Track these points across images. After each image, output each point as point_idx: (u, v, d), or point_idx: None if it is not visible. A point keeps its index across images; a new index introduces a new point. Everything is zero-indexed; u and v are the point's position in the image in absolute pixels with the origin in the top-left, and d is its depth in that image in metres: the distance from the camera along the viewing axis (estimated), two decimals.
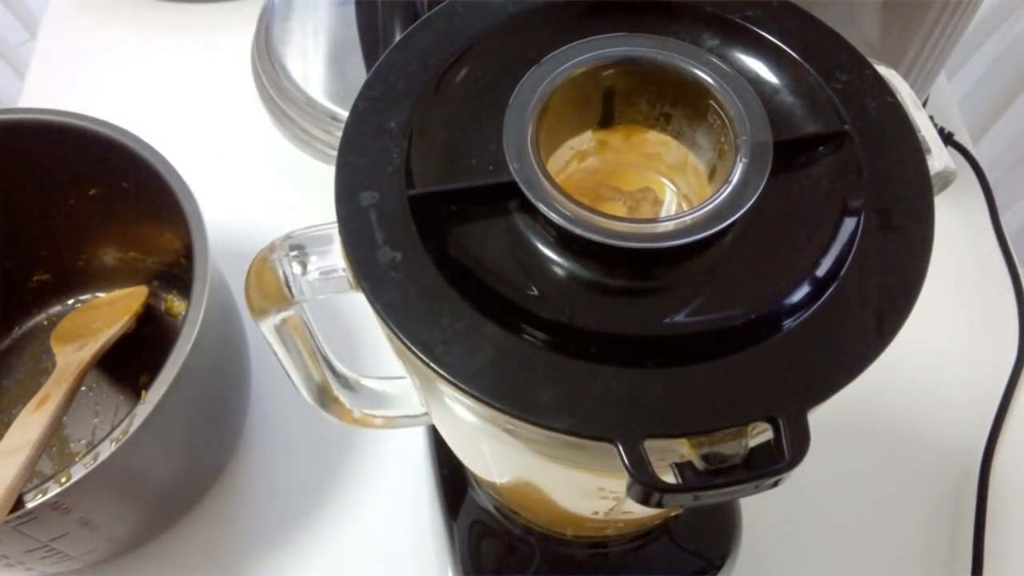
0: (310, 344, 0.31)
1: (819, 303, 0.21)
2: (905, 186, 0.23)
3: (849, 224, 0.23)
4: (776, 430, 0.20)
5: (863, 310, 0.21)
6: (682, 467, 0.20)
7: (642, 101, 0.25)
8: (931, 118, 0.25)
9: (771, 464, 0.20)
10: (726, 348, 0.21)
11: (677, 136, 0.26)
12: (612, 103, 0.25)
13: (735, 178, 0.22)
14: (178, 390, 0.37)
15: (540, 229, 0.23)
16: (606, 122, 0.26)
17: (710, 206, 0.21)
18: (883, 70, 0.25)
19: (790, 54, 0.25)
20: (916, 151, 0.24)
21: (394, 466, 0.50)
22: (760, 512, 0.44)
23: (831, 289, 0.21)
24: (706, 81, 0.23)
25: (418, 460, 0.49)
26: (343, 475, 0.49)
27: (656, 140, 0.26)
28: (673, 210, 0.27)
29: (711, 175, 0.25)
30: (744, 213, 0.21)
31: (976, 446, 0.50)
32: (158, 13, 0.70)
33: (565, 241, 0.22)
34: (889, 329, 0.21)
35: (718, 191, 0.22)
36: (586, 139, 0.27)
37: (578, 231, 0.21)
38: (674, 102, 0.25)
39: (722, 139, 0.23)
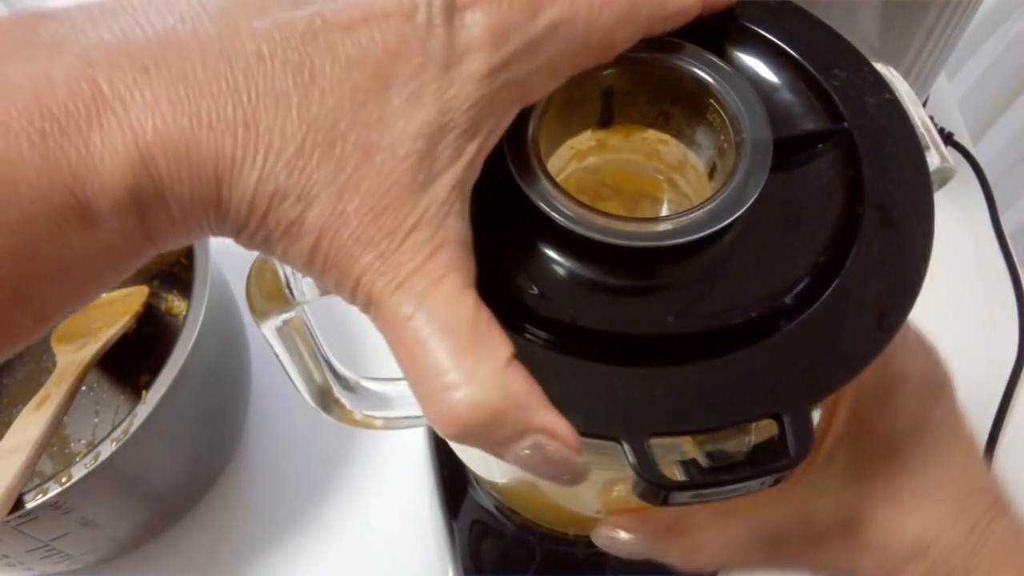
0: (311, 345, 0.31)
1: (821, 300, 0.21)
2: (905, 182, 0.23)
3: (849, 221, 0.22)
4: (780, 426, 0.20)
5: (864, 306, 0.21)
6: (687, 465, 0.20)
7: (641, 100, 0.25)
8: (931, 118, 0.25)
9: (775, 460, 0.20)
10: (729, 345, 0.21)
11: (677, 135, 0.26)
12: (611, 103, 0.25)
13: (737, 176, 0.21)
14: (178, 390, 0.37)
15: (541, 228, 0.23)
16: (605, 122, 0.26)
17: (712, 204, 0.21)
18: (882, 68, 0.25)
19: (788, 52, 0.25)
20: (915, 148, 0.24)
21: (394, 466, 0.50)
22: None
23: (832, 286, 0.21)
24: (705, 80, 0.23)
25: (418, 460, 0.49)
26: (343, 475, 0.49)
27: (655, 139, 0.26)
28: (673, 209, 0.27)
29: (711, 173, 0.25)
30: (745, 211, 0.21)
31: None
32: None
33: (566, 240, 0.22)
34: (890, 325, 0.21)
35: (720, 189, 0.22)
36: (585, 139, 0.27)
37: (580, 230, 0.21)
38: (673, 101, 0.25)
39: (722, 137, 0.23)
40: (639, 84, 0.24)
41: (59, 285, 0.18)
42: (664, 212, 0.28)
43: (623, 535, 0.28)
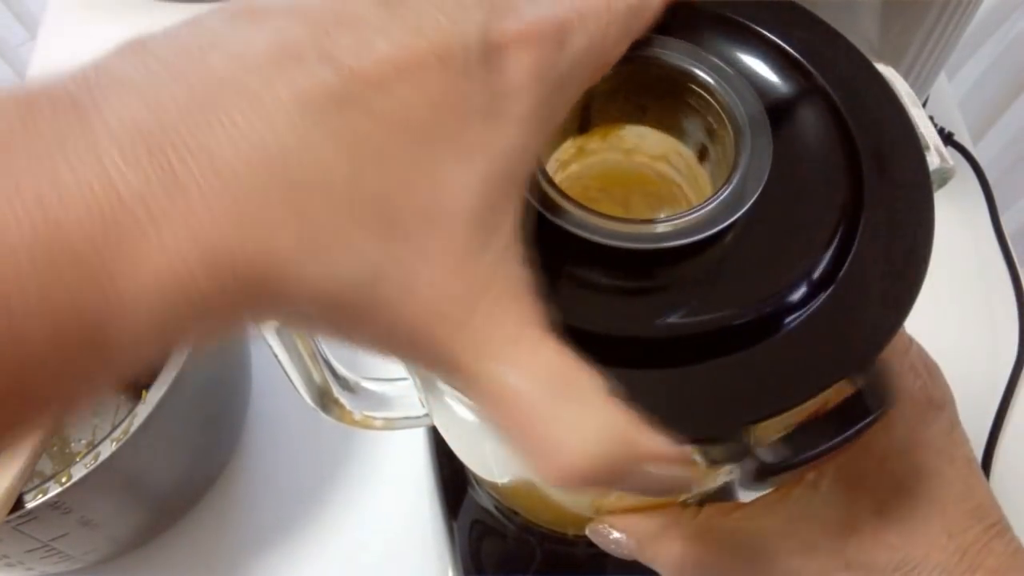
0: (310, 346, 0.31)
1: (839, 276, 0.21)
2: (892, 134, 0.23)
3: (850, 175, 0.22)
4: (855, 385, 0.21)
5: (881, 271, 0.21)
6: (774, 446, 0.21)
7: (619, 98, 0.25)
8: (931, 118, 0.25)
9: (859, 420, 0.21)
10: (761, 331, 0.21)
11: (656, 125, 0.25)
12: (590, 107, 0.25)
13: (743, 162, 0.21)
14: (178, 390, 0.37)
15: (542, 232, 0.22)
16: (584, 127, 0.26)
17: (720, 198, 0.21)
18: (882, 68, 0.25)
19: (746, 24, 0.24)
20: (891, 99, 0.24)
21: (394, 466, 0.50)
22: None
23: (847, 261, 0.21)
24: (684, 67, 0.23)
25: (418, 460, 0.49)
26: (343, 475, 0.49)
27: (633, 134, 0.26)
28: (667, 200, 0.27)
29: (700, 156, 0.25)
30: (759, 194, 0.21)
31: (976, 446, 0.50)
32: (158, 13, 0.70)
33: (570, 244, 0.21)
34: (915, 278, 0.21)
35: (733, 170, 0.21)
36: (567, 148, 0.26)
37: (586, 235, 0.20)
38: (652, 92, 0.24)
39: (710, 119, 0.23)
40: (618, 84, 0.24)
41: (46, 410, 0.15)
42: (656, 203, 0.27)
43: (615, 534, 0.28)
